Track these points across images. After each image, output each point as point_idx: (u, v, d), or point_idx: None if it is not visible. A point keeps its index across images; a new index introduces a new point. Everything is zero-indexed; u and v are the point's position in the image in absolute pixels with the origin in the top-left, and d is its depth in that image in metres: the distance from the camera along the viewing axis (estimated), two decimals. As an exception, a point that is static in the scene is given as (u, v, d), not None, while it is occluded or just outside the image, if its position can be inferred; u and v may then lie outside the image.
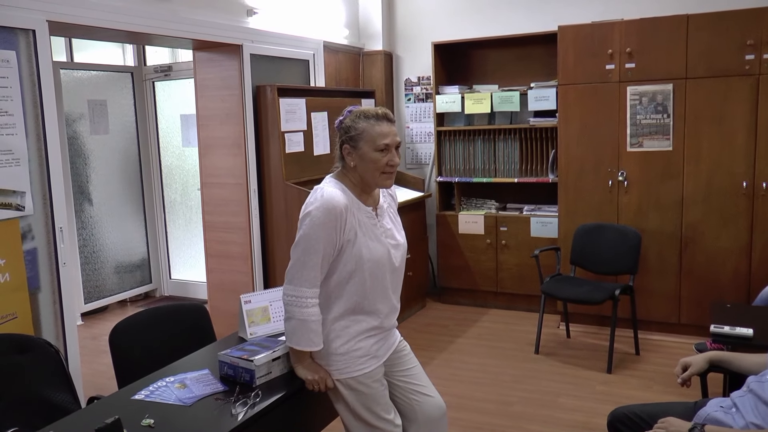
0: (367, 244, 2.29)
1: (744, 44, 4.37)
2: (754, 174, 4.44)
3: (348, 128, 2.31)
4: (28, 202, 3.22)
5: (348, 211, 2.25)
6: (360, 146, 2.28)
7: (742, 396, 2.18)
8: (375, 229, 2.34)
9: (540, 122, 5.40)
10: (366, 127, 2.28)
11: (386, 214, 2.44)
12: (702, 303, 4.62)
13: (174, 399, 2.21)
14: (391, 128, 2.31)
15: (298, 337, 2.28)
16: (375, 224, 2.35)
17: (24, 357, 2.50)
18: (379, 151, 2.27)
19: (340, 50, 5.85)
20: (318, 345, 2.30)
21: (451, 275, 5.83)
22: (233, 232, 4.79)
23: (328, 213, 2.20)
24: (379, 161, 2.28)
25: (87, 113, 5.74)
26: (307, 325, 2.26)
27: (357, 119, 2.30)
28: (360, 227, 2.29)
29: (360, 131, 2.28)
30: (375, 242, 2.32)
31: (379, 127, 2.28)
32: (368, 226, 2.32)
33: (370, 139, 2.27)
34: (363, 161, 2.29)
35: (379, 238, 2.34)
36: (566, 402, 3.89)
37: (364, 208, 2.34)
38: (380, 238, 2.34)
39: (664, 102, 4.62)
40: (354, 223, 2.27)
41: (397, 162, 2.32)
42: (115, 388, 2.52)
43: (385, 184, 2.35)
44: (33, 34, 3.24)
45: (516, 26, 5.64)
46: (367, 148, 2.27)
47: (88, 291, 5.79)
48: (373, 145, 2.27)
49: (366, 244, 2.29)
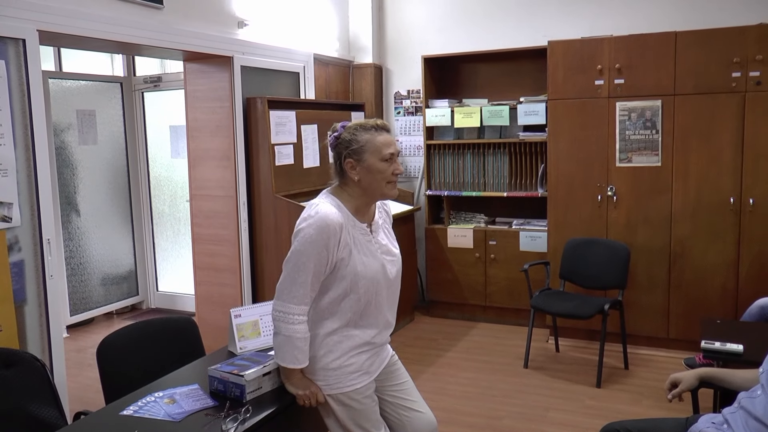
0: (362, 261, 2.28)
1: (731, 62, 4.42)
2: (741, 190, 4.48)
3: (349, 141, 2.28)
4: (15, 214, 3.19)
5: (343, 229, 2.23)
6: (365, 158, 2.27)
7: (733, 412, 2.19)
8: (370, 245, 2.33)
9: (529, 137, 5.43)
10: (369, 138, 2.27)
11: (381, 230, 2.43)
12: (690, 318, 4.65)
13: (163, 414, 2.18)
14: (391, 138, 2.33)
15: (283, 353, 2.27)
16: (370, 240, 2.34)
17: (9, 371, 2.44)
18: (385, 161, 2.27)
19: (330, 63, 5.86)
20: (302, 363, 2.28)
21: (440, 289, 5.82)
22: (222, 244, 4.77)
23: (321, 231, 2.19)
24: (386, 171, 2.28)
25: (75, 123, 5.71)
26: (292, 341, 2.24)
27: (357, 132, 2.29)
28: (355, 244, 2.28)
29: (363, 143, 2.27)
30: (370, 258, 2.31)
31: (381, 138, 2.28)
32: (363, 242, 2.31)
33: (375, 150, 2.26)
34: (369, 173, 2.27)
35: (375, 254, 2.33)
36: (555, 416, 3.88)
37: (359, 225, 2.32)
38: (375, 254, 2.33)
39: (652, 118, 4.66)
40: (349, 240, 2.26)
41: (401, 170, 2.34)
42: (101, 403, 2.49)
43: (391, 194, 2.35)
44: (23, 43, 3.22)
45: (506, 41, 5.68)
46: (373, 160, 2.26)
47: (74, 303, 5.73)
48: (379, 156, 2.26)
49: (361, 261, 2.28)
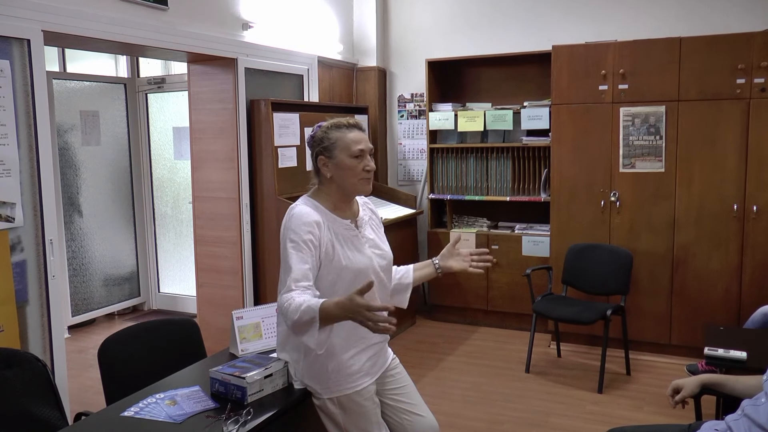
0: (347, 255, 2.29)
1: (735, 68, 4.41)
2: (744, 197, 4.47)
3: (321, 139, 2.33)
4: (18, 214, 3.18)
5: (321, 226, 2.25)
6: (335, 155, 2.30)
7: (736, 419, 2.17)
8: (356, 240, 2.34)
9: (533, 141, 5.42)
10: (339, 136, 2.31)
11: (367, 225, 2.44)
12: (693, 324, 4.64)
13: (164, 416, 2.17)
14: (362, 135, 2.36)
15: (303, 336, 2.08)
16: (356, 235, 2.35)
17: (10, 372, 2.44)
18: (355, 157, 2.30)
19: (334, 65, 5.86)
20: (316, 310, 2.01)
21: (442, 293, 5.81)
22: (224, 246, 4.76)
23: (300, 224, 2.21)
24: (356, 167, 2.30)
25: (79, 124, 5.71)
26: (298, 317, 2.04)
27: (329, 130, 2.34)
28: (338, 239, 2.29)
29: (333, 140, 2.31)
30: (356, 252, 2.32)
31: (351, 135, 2.32)
32: (348, 237, 2.32)
33: (345, 147, 2.30)
34: (340, 169, 2.31)
35: (362, 248, 2.34)
36: (557, 422, 3.87)
37: (341, 221, 2.34)
38: (362, 249, 2.34)
39: (656, 123, 4.65)
40: (330, 236, 2.27)
41: (373, 167, 2.35)
42: (102, 403, 2.48)
43: (364, 190, 2.37)
44: (28, 43, 3.22)
45: (510, 45, 5.68)
46: (342, 156, 2.30)
47: (76, 303, 5.72)
48: (348, 152, 2.30)
49: (346, 255, 2.28)
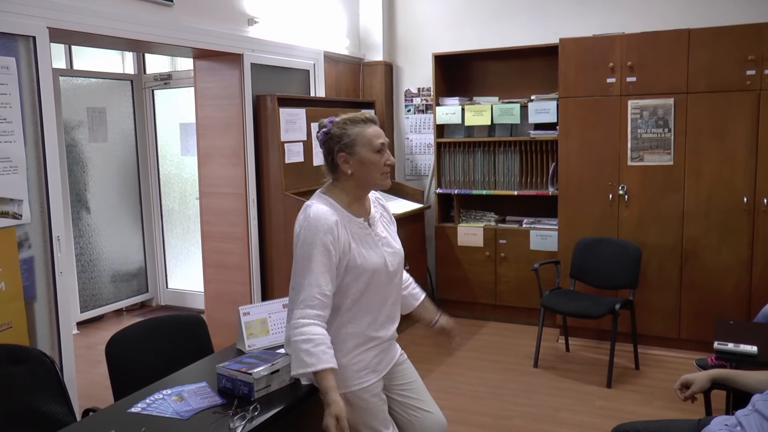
0: (362, 254, 2.28)
1: (745, 60, 4.37)
2: (754, 190, 4.44)
3: (340, 136, 2.30)
4: (25, 211, 3.19)
5: (338, 226, 2.24)
6: (357, 151, 2.29)
7: (747, 415, 2.15)
8: (370, 238, 2.34)
9: (540, 135, 5.39)
10: (359, 131, 2.30)
11: (379, 223, 2.44)
12: (702, 318, 4.60)
13: (171, 412, 2.17)
14: (380, 130, 2.36)
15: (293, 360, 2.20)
16: (369, 233, 2.35)
17: (19, 368, 2.45)
18: (377, 152, 2.30)
19: (341, 60, 5.84)
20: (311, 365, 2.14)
21: (450, 287, 5.80)
22: (231, 242, 4.76)
23: (318, 231, 2.20)
24: (378, 162, 2.31)
25: (86, 121, 5.72)
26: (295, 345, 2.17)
27: (346, 126, 2.31)
28: (353, 238, 2.29)
29: (353, 137, 2.29)
30: (370, 251, 2.31)
31: (371, 130, 2.32)
32: (362, 236, 2.32)
33: (367, 142, 2.29)
34: (362, 165, 2.30)
35: (375, 246, 2.34)
36: (566, 416, 3.86)
37: (356, 220, 2.33)
38: (376, 246, 2.34)
39: (665, 116, 4.61)
40: (347, 236, 2.27)
41: (393, 161, 2.38)
42: (110, 399, 2.48)
43: (384, 184, 2.37)
44: (33, 40, 3.22)
45: (517, 38, 5.65)
46: (365, 152, 2.29)
47: (84, 300, 5.75)
48: (371, 147, 2.29)
49: (361, 254, 2.28)
